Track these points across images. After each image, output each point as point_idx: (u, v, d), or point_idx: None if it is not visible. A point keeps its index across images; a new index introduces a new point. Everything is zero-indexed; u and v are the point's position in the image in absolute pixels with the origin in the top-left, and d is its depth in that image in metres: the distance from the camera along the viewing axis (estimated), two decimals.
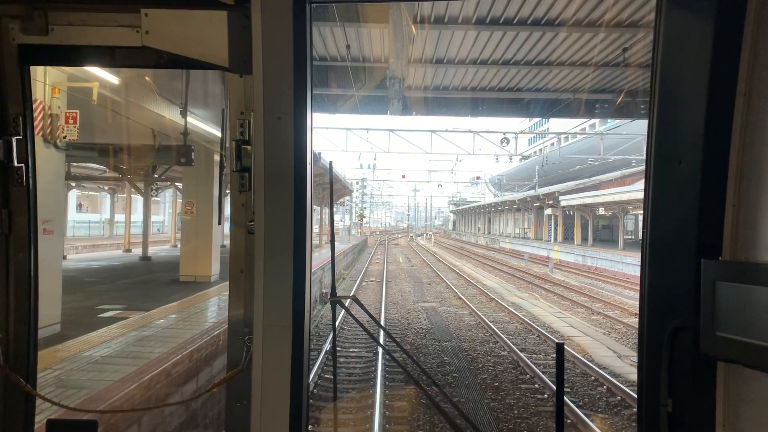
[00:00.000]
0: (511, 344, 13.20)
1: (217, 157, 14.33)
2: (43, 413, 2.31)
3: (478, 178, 65.86)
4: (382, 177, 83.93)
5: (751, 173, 1.56)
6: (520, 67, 12.52)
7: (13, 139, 2.04)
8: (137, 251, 22.25)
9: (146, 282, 14.09)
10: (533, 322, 16.19)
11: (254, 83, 1.89)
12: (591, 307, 19.72)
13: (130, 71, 8.61)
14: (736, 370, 1.58)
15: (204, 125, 12.49)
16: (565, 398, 9.16)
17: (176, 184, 24.68)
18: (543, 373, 10.91)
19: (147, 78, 9.36)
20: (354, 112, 16.67)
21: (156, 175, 19.11)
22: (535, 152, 44.13)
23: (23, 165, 2.06)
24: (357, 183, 79.05)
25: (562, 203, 43.36)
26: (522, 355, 12.25)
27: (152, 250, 26.12)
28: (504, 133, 27.15)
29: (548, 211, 50.64)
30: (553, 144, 65.43)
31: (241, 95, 1.96)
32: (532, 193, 53.48)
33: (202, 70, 3.28)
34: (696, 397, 1.64)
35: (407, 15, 9.61)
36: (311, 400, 8.70)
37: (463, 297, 21.38)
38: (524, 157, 40.63)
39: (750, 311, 1.45)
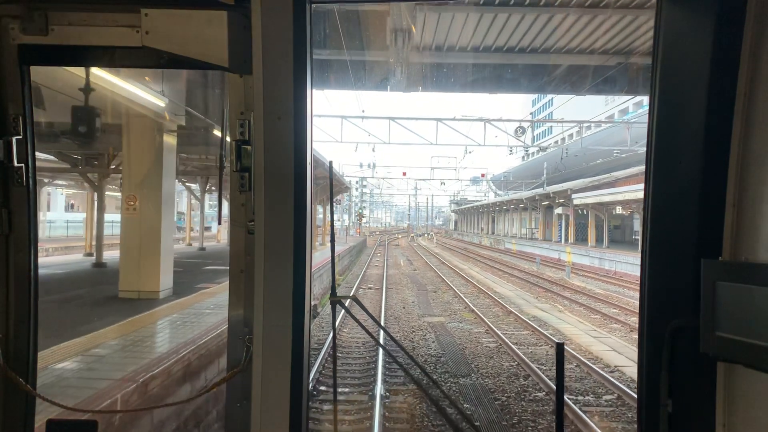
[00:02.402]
0: (548, 380, 10.12)
1: (169, 139, 11.23)
2: (43, 413, 2.16)
3: (483, 175, 62.77)
4: (381, 175, 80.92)
5: (751, 173, 1.56)
6: (568, 10, 9.31)
7: (13, 139, 2.03)
8: (106, 255, 19.10)
9: (74, 300, 11.03)
10: (566, 345, 13.11)
11: (254, 83, 1.90)
12: (627, 322, 16.67)
13: None
14: (736, 370, 1.57)
15: (147, 95, 9.40)
16: None
17: None
18: (602, 430, 7.86)
19: None
20: (347, 85, 13.56)
21: (113, 166, 15.99)
22: (546, 145, 40.32)
23: (23, 165, 2.05)
24: (356, 182, 76.31)
25: (575, 201, 40.37)
26: (567, 398, 9.16)
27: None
28: (519, 122, 24.02)
29: (558, 210, 47.77)
30: (556, 142, 62.46)
31: (241, 95, 1.95)
32: (540, 191, 50.65)
33: (202, 70, 3.33)
34: (696, 397, 1.63)
35: None
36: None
37: (475, 309, 18.30)
38: (542, 149, 37.38)
39: (750, 311, 1.43)
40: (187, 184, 25.29)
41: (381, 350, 11.20)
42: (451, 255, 48.68)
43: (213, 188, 25.90)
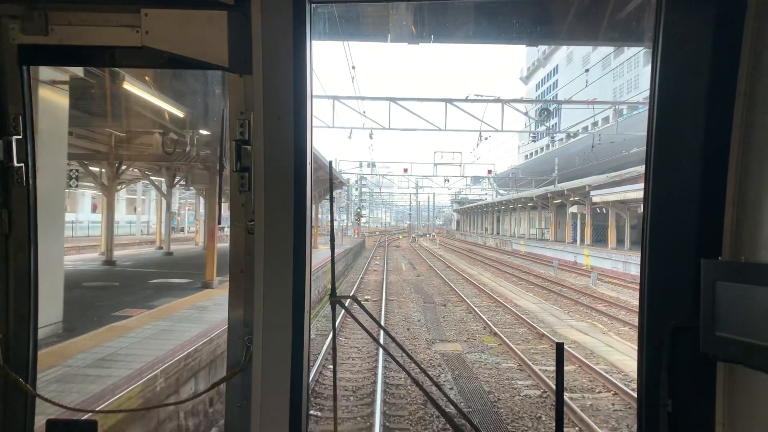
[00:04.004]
0: None
1: (52, 95, 7.37)
2: (43, 413, 2.15)
3: (489, 172, 59.01)
4: (380, 171, 77.21)
5: (751, 173, 1.57)
6: None
7: (13, 139, 2.03)
8: None
9: None
10: (632, 390, 9.35)
11: (254, 83, 1.90)
12: None
13: None
14: (736, 370, 1.59)
15: None
16: None
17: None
18: None
19: None
20: (332, 33, 9.77)
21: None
22: (574, 131, 35.69)
23: (23, 165, 2.05)
24: (355, 181, 72.87)
25: (594, 199, 36.57)
26: None
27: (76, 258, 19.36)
28: (543, 102, 20.10)
29: (573, 209, 44.13)
30: (561, 140, 58.34)
31: (241, 95, 1.95)
32: (552, 188, 46.98)
33: (202, 70, 3.31)
34: (696, 397, 1.65)
35: None
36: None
37: (497, 330, 14.53)
38: (569, 135, 33.49)
39: (750, 311, 1.44)
40: (152, 177, 21.54)
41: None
42: (457, 258, 44.94)
43: (182, 183, 22.16)
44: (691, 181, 1.63)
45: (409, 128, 23.37)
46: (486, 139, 24.34)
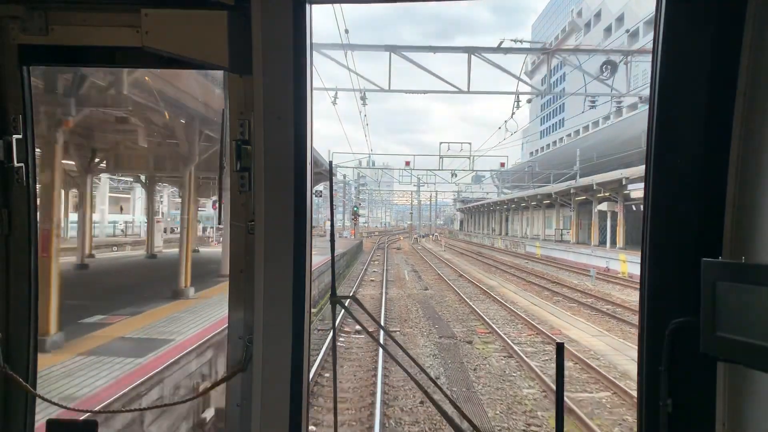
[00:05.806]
0: None
1: None
2: (43, 413, 2.17)
3: (502, 164, 53.15)
4: (379, 166, 71.49)
5: (751, 173, 1.58)
6: None
7: (13, 139, 2.05)
8: None
9: None
10: None
11: (254, 83, 1.92)
12: None
13: None
14: (736, 370, 1.59)
15: None
16: None
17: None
18: None
19: None
20: None
21: None
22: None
23: (23, 165, 2.07)
24: (354, 179, 67.34)
25: (633, 194, 30.77)
26: None
27: None
28: (606, 53, 14.09)
29: (602, 206, 38.31)
30: (569, 135, 52.87)
31: (241, 95, 1.97)
32: (575, 183, 41.25)
33: (202, 70, 3.39)
34: (696, 397, 1.66)
35: None
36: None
37: (571, 403, 8.68)
38: (642, 99, 27.45)
39: (750, 311, 1.43)
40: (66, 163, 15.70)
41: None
42: (467, 262, 39.08)
43: (102, 165, 16.29)
44: (691, 181, 1.65)
45: (417, 90, 17.38)
46: (529, 101, 18.47)
